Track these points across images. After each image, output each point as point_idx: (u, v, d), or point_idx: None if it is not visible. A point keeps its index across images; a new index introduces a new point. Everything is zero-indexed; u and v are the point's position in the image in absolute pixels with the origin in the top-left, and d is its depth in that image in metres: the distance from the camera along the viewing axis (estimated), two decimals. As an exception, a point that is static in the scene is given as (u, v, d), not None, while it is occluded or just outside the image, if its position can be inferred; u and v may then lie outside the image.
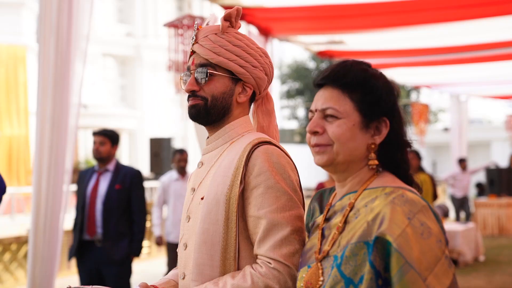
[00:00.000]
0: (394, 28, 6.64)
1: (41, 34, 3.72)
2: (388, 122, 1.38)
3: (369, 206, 1.33)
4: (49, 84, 3.72)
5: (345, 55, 7.85)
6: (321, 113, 1.40)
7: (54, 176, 3.72)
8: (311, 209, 1.59)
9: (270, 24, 6.23)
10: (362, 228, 1.31)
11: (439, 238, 1.26)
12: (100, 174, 4.88)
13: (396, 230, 1.24)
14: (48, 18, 3.69)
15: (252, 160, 1.62)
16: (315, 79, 1.45)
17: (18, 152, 16.62)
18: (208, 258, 1.61)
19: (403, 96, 30.91)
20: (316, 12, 6.01)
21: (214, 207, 1.62)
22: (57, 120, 3.76)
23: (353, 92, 1.38)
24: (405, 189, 1.33)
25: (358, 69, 1.40)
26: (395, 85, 1.43)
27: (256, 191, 1.60)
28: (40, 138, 3.73)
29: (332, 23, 6.52)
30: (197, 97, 1.72)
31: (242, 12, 5.70)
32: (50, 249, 3.69)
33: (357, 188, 1.40)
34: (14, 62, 16.88)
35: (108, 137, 4.86)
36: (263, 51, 1.78)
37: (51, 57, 3.71)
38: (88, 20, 3.88)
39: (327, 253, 1.37)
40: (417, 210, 1.27)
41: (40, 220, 3.68)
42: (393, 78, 5.83)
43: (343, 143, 1.37)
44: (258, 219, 1.58)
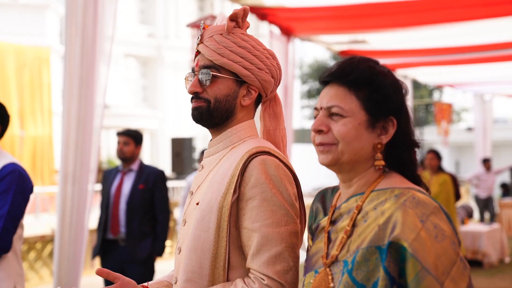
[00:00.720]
0: (417, 27, 6.59)
1: (67, 36, 3.77)
2: (396, 122, 1.33)
3: (379, 209, 1.28)
4: (75, 85, 3.77)
5: (368, 54, 7.81)
6: (326, 111, 1.35)
7: (80, 175, 3.77)
8: (313, 210, 1.53)
9: (292, 24, 6.23)
10: (373, 232, 1.26)
11: (452, 240, 1.23)
12: (124, 174, 4.93)
13: (411, 234, 1.20)
14: (74, 20, 3.73)
15: (248, 170, 1.57)
16: (321, 76, 1.40)
17: (42, 152, 16.84)
18: (197, 266, 1.57)
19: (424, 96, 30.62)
20: (338, 11, 5.99)
21: (207, 214, 1.58)
22: (82, 120, 3.80)
23: (360, 90, 1.33)
24: (414, 190, 1.29)
25: (365, 66, 1.35)
26: (403, 83, 1.39)
27: (251, 202, 1.55)
28: (65, 138, 3.78)
29: (354, 23, 6.49)
30: (200, 99, 1.67)
31: (264, 12, 5.74)
32: (76, 248, 3.74)
33: (363, 189, 1.36)
34: (39, 63, 17.11)
35: (132, 137, 4.90)
36: (270, 53, 1.72)
37: (77, 58, 3.76)
38: (113, 21, 3.93)
39: (336, 257, 1.32)
40: (430, 212, 1.23)
41: (66, 219, 3.73)
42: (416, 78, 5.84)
43: (348, 142, 1.32)
44: (252, 232, 1.53)
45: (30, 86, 16.66)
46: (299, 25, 6.34)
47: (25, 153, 15.35)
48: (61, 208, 3.75)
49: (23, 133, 15.68)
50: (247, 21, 1.74)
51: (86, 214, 3.83)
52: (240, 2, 5.50)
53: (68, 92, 3.77)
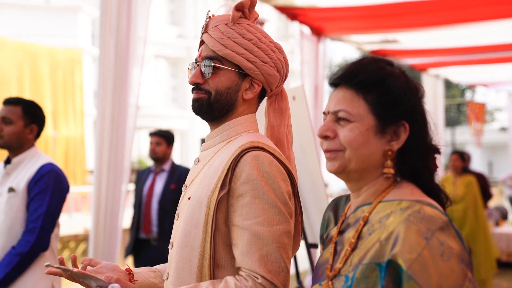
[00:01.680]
0: (450, 25, 6.50)
1: (101, 38, 3.83)
2: (408, 126, 1.24)
3: (384, 223, 1.19)
4: (109, 86, 3.82)
5: (399, 54, 7.74)
6: (333, 115, 1.27)
7: (114, 175, 3.82)
8: (325, 219, 1.44)
9: (323, 23, 6.20)
10: (374, 247, 1.17)
11: (461, 258, 1.12)
12: (156, 174, 4.98)
13: (411, 254, 1.10)
14: (108, 22, 3.79)
15: (240, 166, 1.51)
16: (330, 77, 1.32)
17: (74, 152, 17.11)
18: (187, 263, 1.52)
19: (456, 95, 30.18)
20: (369, 11, 5.94)
21: (197, 209, 1.53)
22: (116, 121, 3.85)
23: (368, 93, 1.24)
24: (423, 203, 1.18)
25: (375, 67, 1.26)
26: (418, 85, 1.29)
27: (242, 199, 1.49)
28: (100, 138, 3.83)
29: (386, 22, 6.44)
30: (201, 91, 1.62)
31: (295, 12, 5.73)
32: (110, 247, 3.79)
33: (371, 199, 1.27)
34: (71, 65, 17.39)
35: (164, 137, 4.96)
36: (276, 46, 1.66)
37: (111, 60, 3.81)
38: (146, 23, 3.97)
39: (339, 271, 1.24)
40: (436, 227, 1.13)
41: (100, 219, 3.78)
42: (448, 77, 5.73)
43: (356, 149, 1.23)
44: (242, 230, 1.47)
45: (63, 87, 16.95)
46: (330, 24, 6.32)
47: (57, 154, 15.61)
48: (96, 208, 3.80)
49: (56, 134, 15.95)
50: (255, 11, 1.68)
51: (120, 214, 3.88)
52: (271, 2, 5.51)
53: (102, 93, 3.83)
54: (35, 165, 3.00)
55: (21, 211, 2.94)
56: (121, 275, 1.60)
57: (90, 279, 1.38)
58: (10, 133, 2.98)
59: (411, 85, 1.27)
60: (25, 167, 3.01)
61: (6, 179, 3.01)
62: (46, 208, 2.91)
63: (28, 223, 2.89)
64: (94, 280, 1.38)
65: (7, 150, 3.05)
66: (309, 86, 5.99)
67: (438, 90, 9.94)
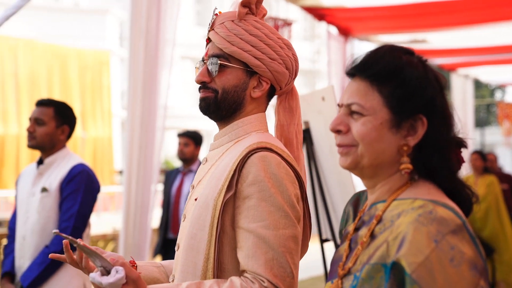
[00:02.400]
0: (479, 24, 6.41)
1: (131, 40, 3.87)
2: (426, 120, 1.15)
3: (395, 222, 1.13)
4: (138, 88, 3.86)
5: (428, 53, 7.66)
6: (346, 108, 1.20)
7: (143, 175, 3.87)
8: (345, 213, 1.38)
9: (350, 24, 6.18)
10: (382, 247, 1.12)
11: (474, 264, 1.04)
12: (184, 174, 5.02)
13: (417, 257, 1.03)
14: (138, 24, 3.83)
15: (246, 167, 1.46)
16: (347, 67, 1.24)
17: (102, 152, 17.32)
18: (192, 266, 1.48)
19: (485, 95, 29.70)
20: (397, 11, 5.90)
21: (203, 211, 1.48)
22: (146, 122, 3.90)
23: (383, 85, 1.16)
24: (437, 203, 1.10)
25: (390, 57, 1.18)
26: (439, 75, 1.20)
27: (248, 201, 1.44)
28: (130, 139, 3.88)
29: (414, 22, 6.38)
30: (208, 89, 1.58)
31: (322, 12, 5.72)
32: (139, 246, 3.83)
33: (385, 197, 1.20)
34: (99, 66, 17.62)
35: (192, 138, 4.99)
36: (285, 43, 1.60)
37: (140, 61, 3.85)
38: (174, 25, 4.00)
39: (349, 270, 1.19)
40: (448, 230, 1.05)
41: (130, 218, 3.82)
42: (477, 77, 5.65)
43: (368, 144, 1.16)
44: (247, 233, 1.42)
45: (91, 88, 17.18)
46: (358, 25, 6.30)
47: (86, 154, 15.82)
48: (126, 207, 3.85)
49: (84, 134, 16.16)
50: (263, 7, 1.64)
51: (149, 213, 3.92)
52: (298, 3, 5.51)
53: (132, 94, 3.87)
54: (67, 166, 3.04)
55: (54, 211, 2.99)
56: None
57: (95, 257, 1.32)
58: (42, 133, 3.02)
59: (430, 76, 1.18)
60: (57, 168, 3.06)
61: (39, 179, 3.06)
62: (78, 208, 2.95)
63: (61, 222, 2.94)
64: (100, 259, 1.32)
65: (40, 151, 3.10)
66: (336, 86, 5.96)
67: (467, 90, 9.81)
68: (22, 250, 2.97)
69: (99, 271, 1.33)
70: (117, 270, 1.30)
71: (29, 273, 2.89)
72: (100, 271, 1.32)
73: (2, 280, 3.01)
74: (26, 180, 3.12)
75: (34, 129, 3.02)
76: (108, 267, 1.32)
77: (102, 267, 1.32)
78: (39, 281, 2.88)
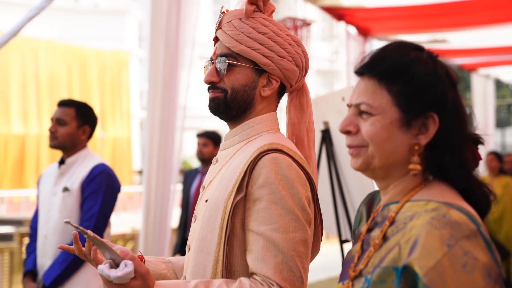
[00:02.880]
0: (500, 24, 6.34)
1: (152, 40, 3.90)
2: (437, 118, 1.11)
3: (407, 224, 1.09)
4: (158, 88, 3.88)
5: (448, 53, 7.60)
6: (355, 108, 1.17)
7: (163, 175, 3.89)
8: (359, 213, 1.34)
9: (370, 24, 6.16)
10: (394, 250, 1.09)
11: (488, 271, 1.00)
12: (203, 174, 5.03)
13: (429, 261, 1.00)
14: (158, 25, 3.85)
15: (257, 169, 1.44)
16: (355, 66, 1.21)
17: (121, 152, 17.46)
18: (202, 268, 1.46)
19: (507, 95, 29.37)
20: (417, 10, 5.87)
21: (214, 213, 1.46)
22: (165, 122, 3.92)
23: (392, 83, 1.13)
24: (452, 206, 1.06)
25: (398, 54, 1.15)
26: (450, 71, 1.15)
27: (258, 204, 1.42)
28: (150, 139, 3.90)
29: (434, 21, 6.34)
30: (217, 89, 1.56)
31: (342, 12, 5.71)
32: (159, 246, 3.85)
33: (398, 198, 1.16)
34: (118, 67, 17.76)
35: (210, 138, 5.00)
36: (294, 39, 1.57)
37: (160, 62, 3.87)
38: (194, 26, 4.02)
39: (360, 272, 1.16)
40: (462, 235, 1.01)
41: (150, 218, 3.85)
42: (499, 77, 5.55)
43: (378, 144, 1.13)
44: (257, 236, 1.41)
45: (110, 89, 17.33)
46: (377, 25, 6.27)
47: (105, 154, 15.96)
48: (146, 207, 3.87)
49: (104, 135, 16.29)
50: (271, 4, 1.61)
51: (169, 213, 3.94)
52: (317, 3, 5.49)
53: (152, 94, 3.90)
54: (88, 166, 3.07)
55: (75, 210, 3.02)
56: None
57: (105, 249, 1.30)
58: (64, 134, 3.05)
59: (441, 72, 1.14)
60: (79, 167, 3.08)
61: (60, 179, 3.09)
62: (99, 207, 2.98)
63: (82, 222, 2.97)
64: (109, 252, 1.30)
65: (61, 151, 3.13)
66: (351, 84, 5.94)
67: (488, 90, 9.71)
68: (44, 249, 3.01)
69: (108, 263, 1.31)
70: (126, 263, 1.28)
71: (51, 271, 2.92)
72: (109, 264, 1.30)
73: (24, 278, 3.05)
74: (48, 179, 3.15)
75: (56, 129, 3.05)
76: (117, 260, 1.30)
77: (111, 260, 1.31)
78: (61, 279, 2.91)
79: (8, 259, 5.74)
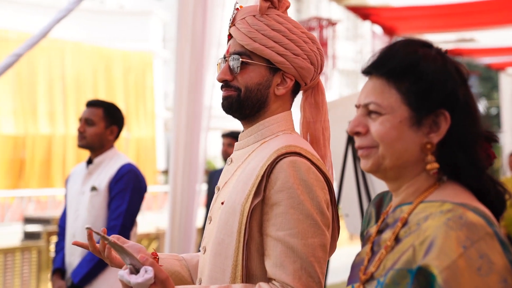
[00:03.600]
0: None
1: (178, 41, 3.92)
2: (448, 115, 1.08)
3: (421, 226, 1.06)
4: (184, 88, 3.90)
5: (476, 53, 7.51)
6: (364, 109, 1.14)
7: (189, 175, 3.90)
8: (368, 214, 1.31)
9: (396, 23, 6.11)
10: (408, 252, 1.05)
11: (504, 277, 0.96)
12: (228, 174, 5.05)
13: (445, 261, 0.97)
14: (184, 26, 3.87)
15: (275, 172, 1.41)
16: (362, 66, 1.18)
17: (145, 152, 17.59)
18: (220, 272, 1.44)
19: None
20: (444, 9, 5.80)
21: (231, 216, 1.44)
22: (191, 122, 3.93)
23: (400, 81, 1.10)
24: (468, 207, 1.03)
25: (406, 51, 1.12)
26: (461, 66, 1.13)
27: (276, 208, 1.40)
28: (176, 139, 3.92)
29: (462, 20, 6.26)
30: (230, 88, 1.52)
31: (368, 12, 5.67)
32: (185, 245, 3.87)
33: (411, 199, 1.13)
34: (143, 67, 17.90)
35: (235, 138, 5.01)
36: (309, 37, 1.54)
37: (186, 63, 3.89)
38: (220, 26, 4.03)
39: (371, 275, 1.13)
40: (478, 237, 0.98)
41: (176, 218, 3.87)
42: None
43: (389, 144, 1.10)
44: (275, 241, 1.39)
45: (134, 89, 17.47)
46: (403, 24, 6.22)
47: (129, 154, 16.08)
48: (172, 207, 3.90)
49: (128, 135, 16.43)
50: (287, 0, 1.57)
51: (194, 213, 3.96)
52: (343, 2, 5.47)
53: (178, 95, 3.92)
54: (115, 165, 3.10)
55: (103, 209, 3.05)
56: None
57: (125, 255, 1.29)
58: (92, 134, 3.09)
59: (450, 68, 1.11)
60: (106, 167, 3.12)
61: (88, 179, 3.12)
62: (127, 206, 3.01)
63: (110, 221, 3.00)
64: (130, 257, 1.29)
65: (89, 151, 3.17)
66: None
67: (516, 90, 9.56)
68: (72, 247, 3.04)
69: (128, 269, 1.30)
70: (146, 269, 1.27)
71: (79, 269, 2.96)
72: (129, 269, 1.30)
73: (53, 276, 3.10)
74: (76, 179, 3.19)
75: (85, 129, 3.09)
76: (137, 265, 1.29)
77: (131, 265, 1.30)
78: (89, 277, 2.95)
79: (36, 257, 5.82)
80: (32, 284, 5.78)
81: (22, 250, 5.75)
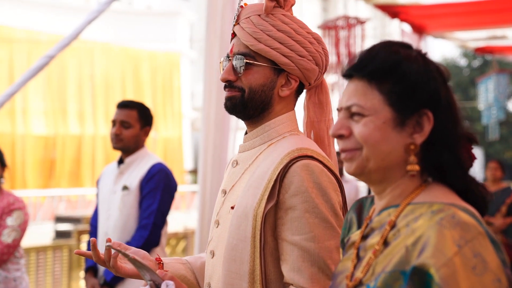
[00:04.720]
0: None
1: (207, 41, 3.93)
2: (431, 115, 1.08)
3: (411, 227, 1.05)
4: (213, 88, 3.91)
5: (507, 50, 7.38)
6: (346, 111, 1.13)
7: (218, 175, 3.91)
8: (348, 220, 1.29)
9: (425, 21, 6.04)
10: (399, 253, 1.04)
11: (497, 276, 0.97)
12: (257, 174, 5.06)
13: (441, 259, 0.97)
14: (213, 26, 3.88)
15: (288, 176, 1.40)
16: (342, 69, 1.17)
17: (172, 152, 17.71)
18: (237, 278, 1.42)
19: None
20: (475, 6, 5.72)
21: (243, 221, 1.42)
22: (220, 122, 3.94)
23: (381, 83, 1.10)
24: (458, 207, 1.03)
25: (387, 52, 1.11)
26: (441, 67, 1.13)
27: (291, 212, 1.39)
28: (205, 139, 3.93)
29: (493, 17, 6.15)
30: (234, 88, 1.49)
31: (396, 10, 5.62)
32: (214, 245, 3.88)
33: (398, 201, 1.12)
34: (170, 68, 18.03)
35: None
36: (315, 37, 1.52)
37: (215, 62, 3.90)
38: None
39: (360, 281, 1.11)
40: (471, 237, 0.98)
41: (205, 217, 3.88)
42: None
43: (372, 145, 1.09)
44: (291, 245, 1.38)
45: (162, 90, 17.61)
46: (433, 22, 6.14)
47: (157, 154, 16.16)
48: (201, 206, 3.91)
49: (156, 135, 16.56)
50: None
51: (223, 213, 3.96)
52: (372, 1, 5.43)
53: (207, 95, 3.93)
54: (146, 165, 3.13)
55: (134, 208, 3.08)
56: (151, 264, 1.52)
57: (145, 270, 1.29)
58: (129, 136, 3.11)
59: (432, 68, 1.11)
60: (137, 167, 3.14)
61: (120, 178, 3.16)
62: (158, 205, 3.03)
63: (141, 219, 3.03)
64: (150, 273, 1.28)
65: (123, 152, 3.19)
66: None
67: (549, 88, 9.36)
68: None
69: (149, 285, 1.30)
70: (167, 284, 1.27)
71: (112, 268, 2.99)
72: (149, 286, 1.30)
73: (86, 274, 3.14)
74: (108, 178, 3.23)
75: (121, 132, 3.10)
76: (158, 281, 1.29)
77: (151, 281, 1.30)
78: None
79: (67, 256, 5.91)
80: (63, 282, 5.87)
81: (54, 248, 5.84)
